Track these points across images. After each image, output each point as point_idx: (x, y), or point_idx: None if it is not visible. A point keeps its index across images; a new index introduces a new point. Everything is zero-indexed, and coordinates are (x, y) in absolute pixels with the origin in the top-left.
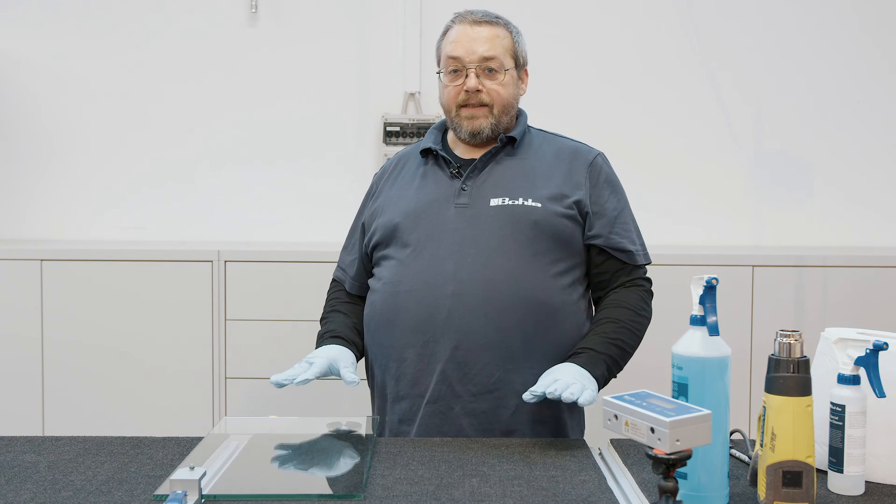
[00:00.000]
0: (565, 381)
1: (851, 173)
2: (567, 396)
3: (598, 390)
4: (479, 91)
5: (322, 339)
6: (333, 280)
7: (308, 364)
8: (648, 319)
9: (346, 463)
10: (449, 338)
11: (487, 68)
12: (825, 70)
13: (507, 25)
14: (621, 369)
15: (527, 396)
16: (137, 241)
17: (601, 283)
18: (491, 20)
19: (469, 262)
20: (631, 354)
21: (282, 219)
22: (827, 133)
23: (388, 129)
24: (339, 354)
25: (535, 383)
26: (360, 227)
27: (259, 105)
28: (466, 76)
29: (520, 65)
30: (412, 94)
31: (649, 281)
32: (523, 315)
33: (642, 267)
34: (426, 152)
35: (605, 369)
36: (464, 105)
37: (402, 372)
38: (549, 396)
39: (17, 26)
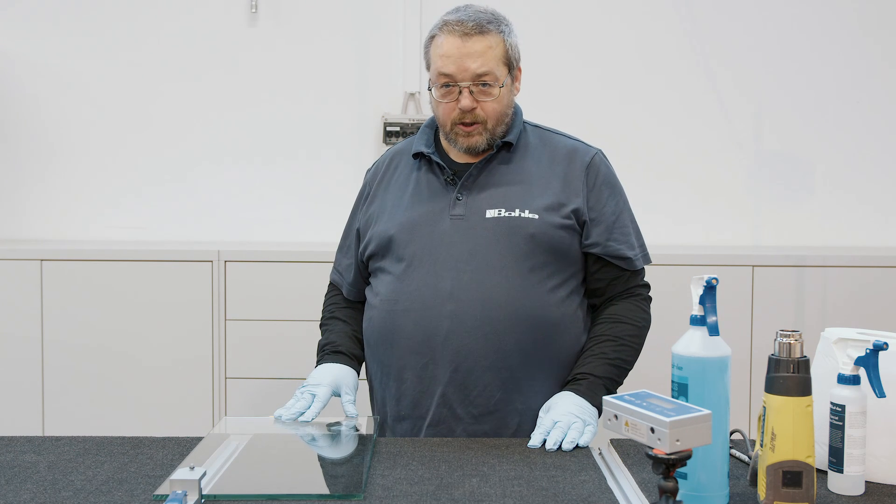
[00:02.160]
0: (565, 422)
1: (852, 173)
2: (567, 446)
3: (599, 415)
4: (473, 109)
5: (323, 352)
6: (330, 284)
7: (311, 395)
8: (647, 329)
9: (345, 463)
10: (448, 360)
11: (481, 83)
12: (825, 70)
13: (498, 27)
14: (621, 384)
15: (531, 445)
16: (137, 241)
17: (598, 291)
18: (482, 28)
19: (466, 280)
20: (630, 369)
21: (282, 219)
22: (827, 133)
23: (388, 128)
24: (342, 377)
25: (535, 401)
26: (356, 233)
27: (259, 105)
28: (460, 92)
29: (513, 67)
30: (412, 94)
31: (647, 287)
32: (522, 334)
33: (641, 271)
34: (419, 155)
35: (605, 393)
36: (459, 122)
37: (402, 393)
38: (549, 448)
39: (17, 26)
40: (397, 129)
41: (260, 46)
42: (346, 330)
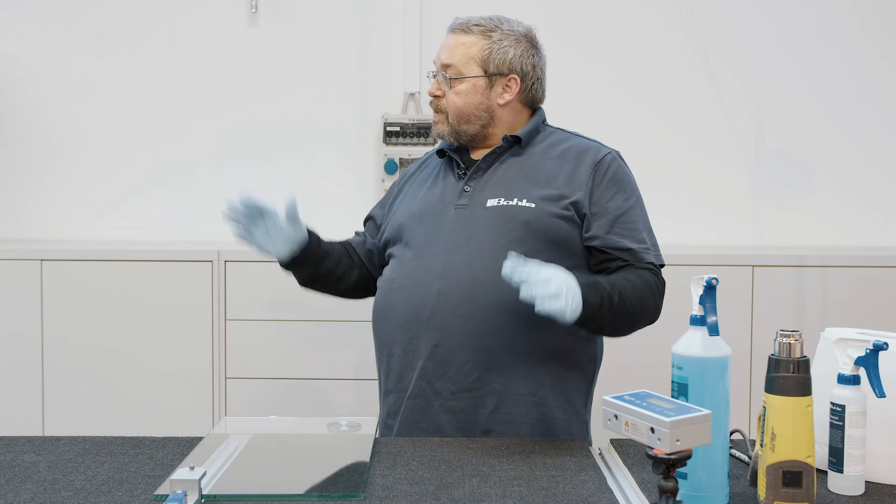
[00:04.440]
0: (554, 286)
1: (852, 173)
2: (540, 306)
3: (581, 313)
4: (437, 97)
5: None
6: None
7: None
8: (651, 295)
9: (346, 463)
10: (431, 335)
11: (444, 75)
12: (825, 70)
13: (487, 33)
14: (612, 321)
15: (505, 272)
16: (137, 241)
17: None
18: (467, 28)
19: (457, 261)
20: (626, 314)
21: None
22: (827, 133)
23: (388, 129)
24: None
25: (516, 385)
26: (373, 219)
27: (259, 105)
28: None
29: (493, 73)
30: (412, 94)
31: (654, 272)
32: (506, 316)
33: (651, 265)
34: (441, 153)
35: (597, 305)
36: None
37: (391, 367)
38: (506, 272)
39: (17, 26)
40: (397, 129)
41: (260, 46)
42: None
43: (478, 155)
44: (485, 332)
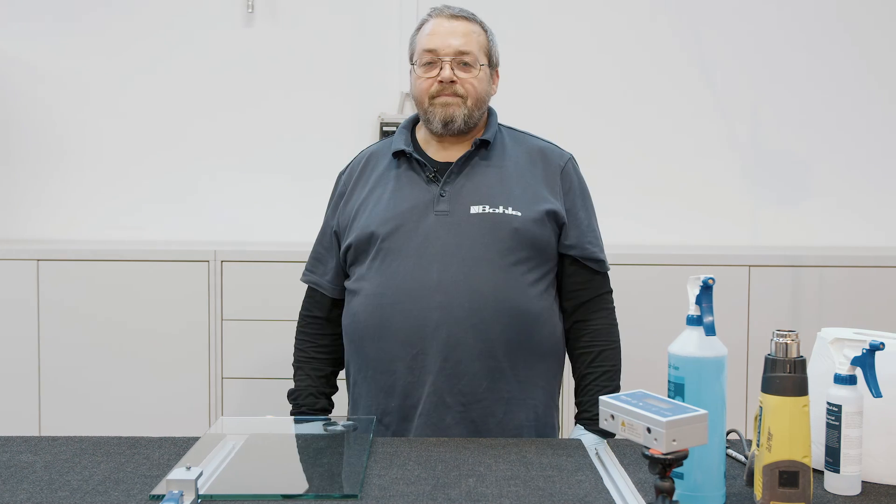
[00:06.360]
0: None
1: (848, 174)
2: None
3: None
4: (453, 82)
5: (296, 407)
6: (307, 293)
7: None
8: (619, 337)
9: (342, 463)
10: (438, 350)
11: (462, 62)
12: (824, 71)
13: (482, 24)
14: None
15: None
16: (134, 241)
17: (572, 294)
18: (467, 16)
19: (453, 271)
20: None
21: (278, 219)
22: (824, 133)
23: (385, 128)
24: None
25: (518, 390)
26: (334, 234)
27: (255, 105)
28: (441, 68)
29: (492, 64)
30: (408, 94)
31: (611, 292)
32: (507, 325)
33: (607, 276)
34: (399, 154)
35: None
36: (437, 95)
37: (392, 385)
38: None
39: (17, 26)
40: (393, 129)
41: (256, 47)
42: (315, 378)
43: (441, 155)
44: (490, 342)
